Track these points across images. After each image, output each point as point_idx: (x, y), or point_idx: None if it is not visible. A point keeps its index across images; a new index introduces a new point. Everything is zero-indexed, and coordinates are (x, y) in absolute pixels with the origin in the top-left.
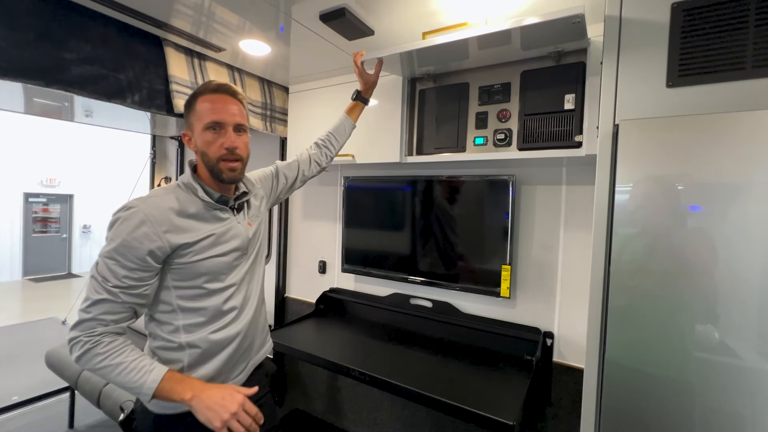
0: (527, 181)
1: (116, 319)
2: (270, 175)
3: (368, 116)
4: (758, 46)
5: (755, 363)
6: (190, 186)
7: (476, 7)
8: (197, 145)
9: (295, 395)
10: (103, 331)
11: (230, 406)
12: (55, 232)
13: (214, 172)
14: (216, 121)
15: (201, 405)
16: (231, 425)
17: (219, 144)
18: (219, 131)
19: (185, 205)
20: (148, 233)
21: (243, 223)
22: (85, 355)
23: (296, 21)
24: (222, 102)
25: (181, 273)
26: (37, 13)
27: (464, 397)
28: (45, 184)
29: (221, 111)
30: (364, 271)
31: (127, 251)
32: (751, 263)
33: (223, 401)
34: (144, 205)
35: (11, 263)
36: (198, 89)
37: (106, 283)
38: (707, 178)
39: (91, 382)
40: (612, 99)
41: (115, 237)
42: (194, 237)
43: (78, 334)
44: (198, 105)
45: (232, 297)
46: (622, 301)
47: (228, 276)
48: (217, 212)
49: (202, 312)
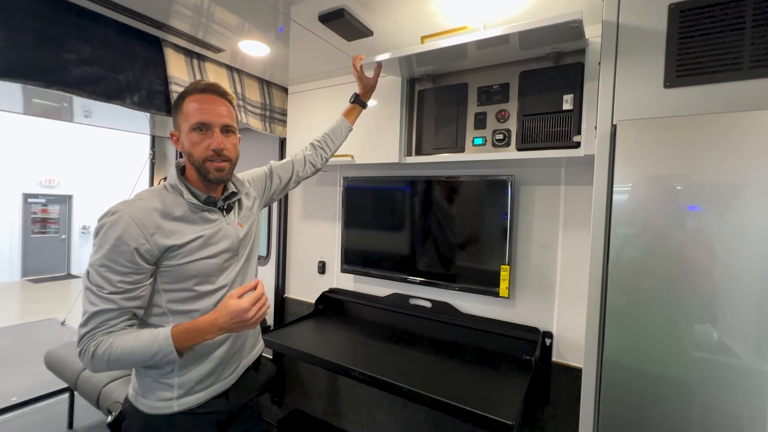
0: (526, 182)
1: (114, 324)
2: (263, 175)
3: (367, 117)
4: (755, 46)
5: (754, 362)
6: (176, 188)
7: (475, 10)
8: (184, 145)
9: (294, 396)
10: (102, 334)
11: (244, 315)
12: (54, 233)
13: (201, 172)
14: (202, 121)
15: (224, 331)
16: (258, 317)
17: (205, 145)
18: (206, 132)
19: (171, 207)
20: (135, 236)
21: (233, 224)
22: (93, 360)
23: (295, 22)
24: (209, 102)
25: (170, 276)
26: (36, 14)
27: (463, 396)
28: (44, 185)
29: (208, 112)
30: (364, 271)
31: (117, 256)
32: (749, 263)
33: (232, 316)
34: (129, 208)
35: (10, 264)
36: (186, 89)
37: (101, 291)
38: (705, 178)
39: (90, 382)
40: (610, 99)
41: (103, 243)
42: (182, 239)
43: (81, 348)
44: (185, 105)
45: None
46: (620, 301)
47: (219, 278)
48: (205, 213)
49: (192, 315)
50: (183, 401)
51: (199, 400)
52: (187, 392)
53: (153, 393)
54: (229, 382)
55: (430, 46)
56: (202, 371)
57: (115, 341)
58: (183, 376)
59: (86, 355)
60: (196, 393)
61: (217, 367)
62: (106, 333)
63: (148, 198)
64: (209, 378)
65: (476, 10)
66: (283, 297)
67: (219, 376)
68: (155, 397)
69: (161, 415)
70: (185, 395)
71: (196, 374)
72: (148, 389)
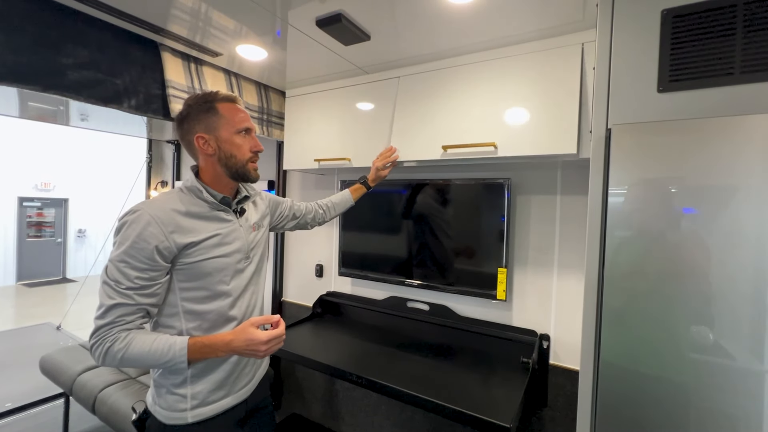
0: (523, 185)
1: (130, 320)
2: (281, 201)
3: (363, 119)
4: (746, 52)
5: (749, 363)
6: (194, 189)
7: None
8: (221, 147)
9: (292, 399)
10: (119, 329)
11: (259, 346)
12: (49, 237)
13: (241, 172)
14: (248, 127)
15: (235, 353)
16: (270, 352)
17: (248, 147)
18: (246, 136)
19: (189, 206)
20: (155, 233)
21: (245, 226)
22: (107, 355)
23: (293, 26)
24: (242, 110)
25: (186, 273)
26: (33, 19)
27: (461, 399)
28: (39, 188)
29: (247, 119)
30: (361, 274)
31: (136, 252)
32: (744, 264)
33: (248, 344)
34: (149, 207)
35: (5, 268)
36: (211, 95)
37: (118, 286)
38: (700, 180)
39: (86, 387)
40: (604, 104)
41: (123, 240)
42: (199, 236)
43: (96, 340)
44: (221, 110)
45: (236, 305)
46: (616, 303)
47: (232, 279)
48: (221, 213)
49: (204, 316)
50: (197, 412)
51: (214, 411)
52: (201, 403)
53: (168, 404)
54: (243, 395)
55: (450, 154)
56: (214, 381)
57: (133, 341)
58: (196, 385)
59: (101, 348)
60: (210, 404)
61: (228, 377)
62: (123, 329)
63: (167, 198)
64: (222, 389)
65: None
66: (280, 300)
67: (232, 388)
68: (170, 408)
69: (177, 426)
70: (199, 406)
71: (208, 385)
72: (164, 399)
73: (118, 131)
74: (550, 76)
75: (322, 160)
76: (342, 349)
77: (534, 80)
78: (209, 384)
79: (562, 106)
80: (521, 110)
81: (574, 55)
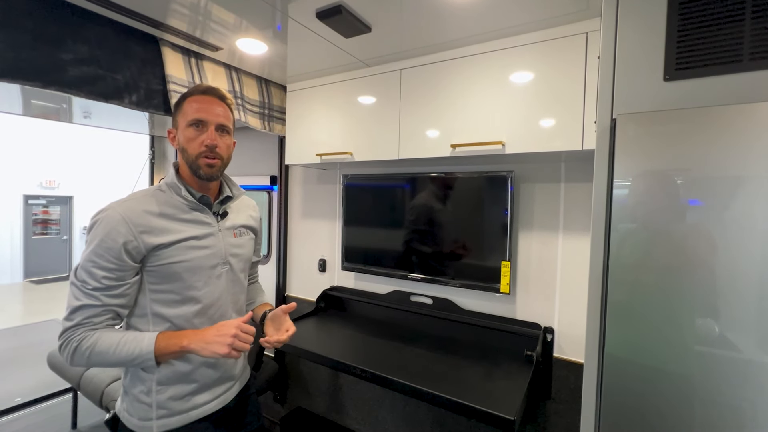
0: (526, 178)
1: (98, 321)
2: (257, 247)
3: (366, 113)
4: (755, 38)
5: (755, 356)
6: (173, 185)
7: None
8: (179, 141)
9: (296, 393)
10: (85, 330)
11: (228, 332)
12: (55, 234)
13: (193, 168)
14: (199, 118)
15: (200, 344)
16: (236, 346)
17: (200, 141)
18: (201, 129)
19: (164, 207)
20: (123, 232)
21: (224, 230)
22: (76, 353)
23: (293, 19)
24: (208, 103)
25: (156, 275)
26: (33, 15)
27: (465, 393)
28: (44, 186)
29: (205, 110)
30: (364, 268)
31: (104, 251)
32: (750, 256)
33: (219, 331)
34: (120, 207)
35: (12, 265)
36: (189, 90)
37: (85, 287)
38: (706, 171)
39: (93, 382)
40: (609, 93)
41: (92, 239)
42: (171, 238)
43: (63, 341)
44: (185, 104)
45: (206, 314)
46: (621, 296)
47: (204, 285)
48: (198, 214)
49: (173, 321)
50: (163, 422)
51: (181, 422)
52: (168, 413)
53: (135, 411)
54: (213, 408)
55: (458, 152)
56: (182, 392)
57: (101, 338)
58: (161, 395)
59: (68, 348)
60: (177, 415)
61: (199, 389)
62: (90, 329)
63: (141, 198)
64: (187, 401)
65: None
66: (284, 295)
67: (200, 400)
68: (138, 416)
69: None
70: (165, 416)
71: (175, 394)
72: (132, 407)
73: (121, 128)
74: (555, 67)
75: (324, 155)
76: (346, 343)
77: (538, 73)
78: (176, 393)
79: (567, 99)
80: (526, 105)
81: (579, 46)
